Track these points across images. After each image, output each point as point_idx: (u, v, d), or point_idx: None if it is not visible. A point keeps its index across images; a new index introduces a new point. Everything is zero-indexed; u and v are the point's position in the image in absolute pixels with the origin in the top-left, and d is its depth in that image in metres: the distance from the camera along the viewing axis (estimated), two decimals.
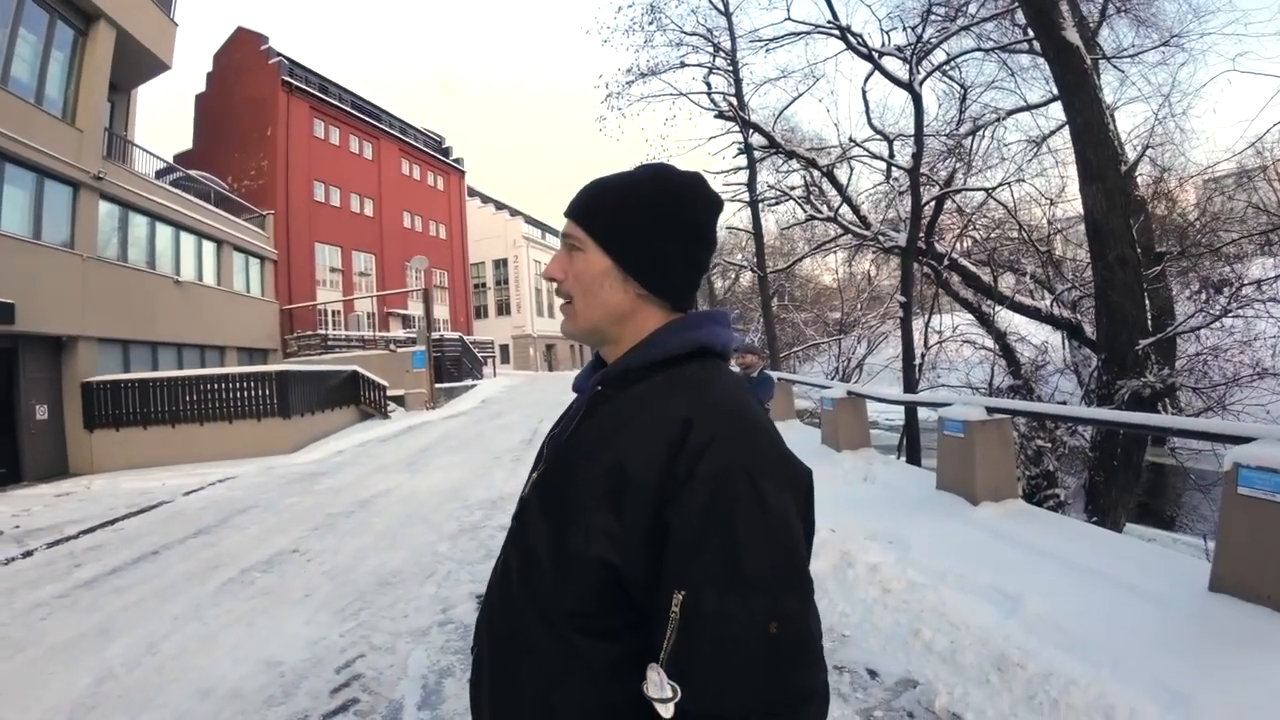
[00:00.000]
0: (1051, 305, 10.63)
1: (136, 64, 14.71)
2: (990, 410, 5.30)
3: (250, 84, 25.47)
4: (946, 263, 11.69)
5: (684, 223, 0.87)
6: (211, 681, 3.37)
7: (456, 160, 38.61)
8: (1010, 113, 12.20)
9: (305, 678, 3.37)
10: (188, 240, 16.85)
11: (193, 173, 20.53)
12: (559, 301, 0.94)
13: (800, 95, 14.12)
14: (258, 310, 20.18)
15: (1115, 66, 11.12)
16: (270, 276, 21.78)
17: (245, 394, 12.69)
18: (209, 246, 17.91)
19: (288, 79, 25.56)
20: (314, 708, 3.07)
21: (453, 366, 25.99)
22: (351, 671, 3.42)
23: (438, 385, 21.75)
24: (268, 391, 12.75)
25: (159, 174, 17.61)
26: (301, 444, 13.00)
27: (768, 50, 12.98)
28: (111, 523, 7.46)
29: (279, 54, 26.07)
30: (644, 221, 0.85)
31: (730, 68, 14.13)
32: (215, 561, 5.60)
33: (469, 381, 26.06)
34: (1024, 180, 12.14)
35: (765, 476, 0.71)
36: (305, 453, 12.41)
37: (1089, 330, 9.13)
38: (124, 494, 9.20)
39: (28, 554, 6.24)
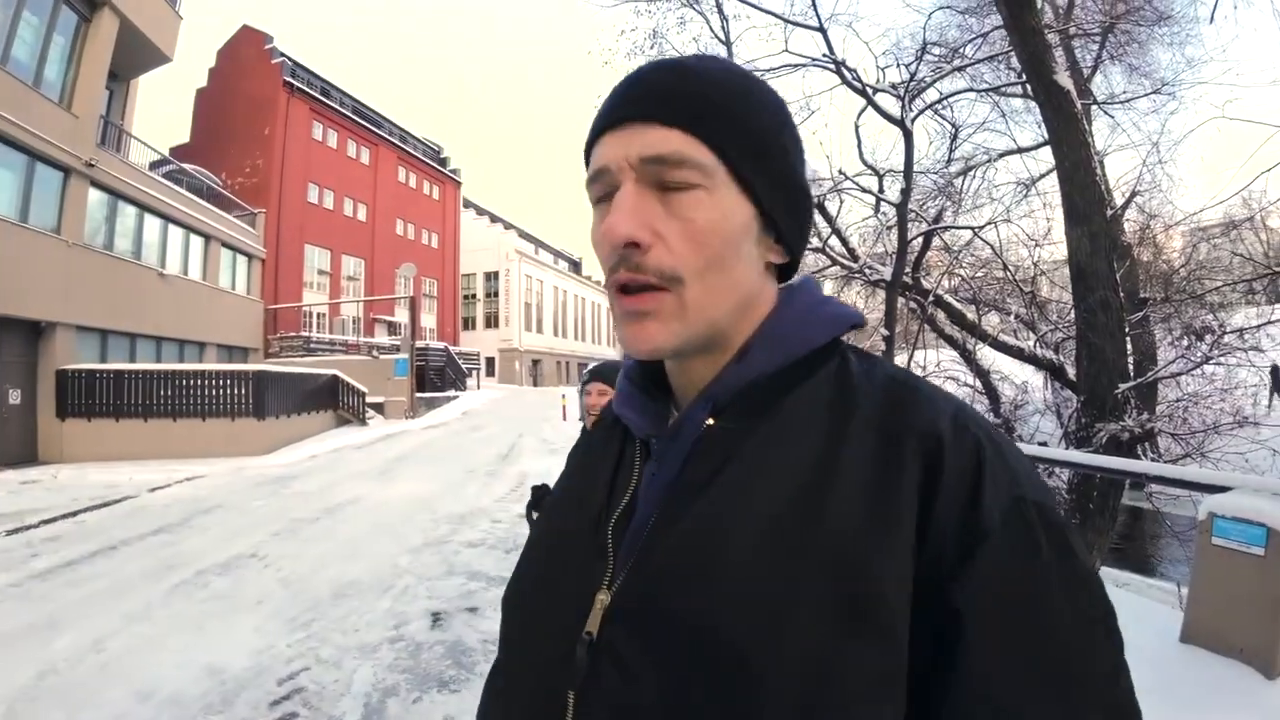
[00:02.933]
0: (1034, 345, 10.67)
1: (138, 54, 14.70)
2: None
3: (252, 82, 25.47)
4: (932, 299, 11.74)
5: (801, 142, 0.57)
6: (153, 684, 3.29)
7: (453, 171, 38.72)
8: (1001, 154, 12.35)
9: (246, 687, 3.27)
10: (176, 233, 16.72)
11: (187, 166, 20.43)
12: (617, 302, 0.52)
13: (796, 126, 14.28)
14: (242, 308, 19.98)
15: (1106, 113, 11.32)
16: (257, 275, 21.62)
17: (220, 392, 12.52)
18: (197, 241, 17.76)
19: (290, 80, 25.61)
20: (251, 719, 2.95)
21: (436, 376, 25.79)
22: (294, 684, 3.32)
23: (419, 395, 21.55)
24: (243, 391, 12.58)
25: (153, 166, 17.53)
26: (274, 446, 12.81)
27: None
28: (74, 514, 7.37)
29: (283, 54, 26.14)
30: (787, 140, 0.54)
31: None
32: (172, 561, 5.51)
33: (452, 392, 25.85)
34: (1011, 221, 12.24)
35: (1049, 505, 0.46)
36: (277, 455, 12.23)
37: (1070, 372, 9.16)
38: (90, 486, 9.10)
39: None
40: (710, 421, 0.52)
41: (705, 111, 0.50)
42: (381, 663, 3.56)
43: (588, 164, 0.54)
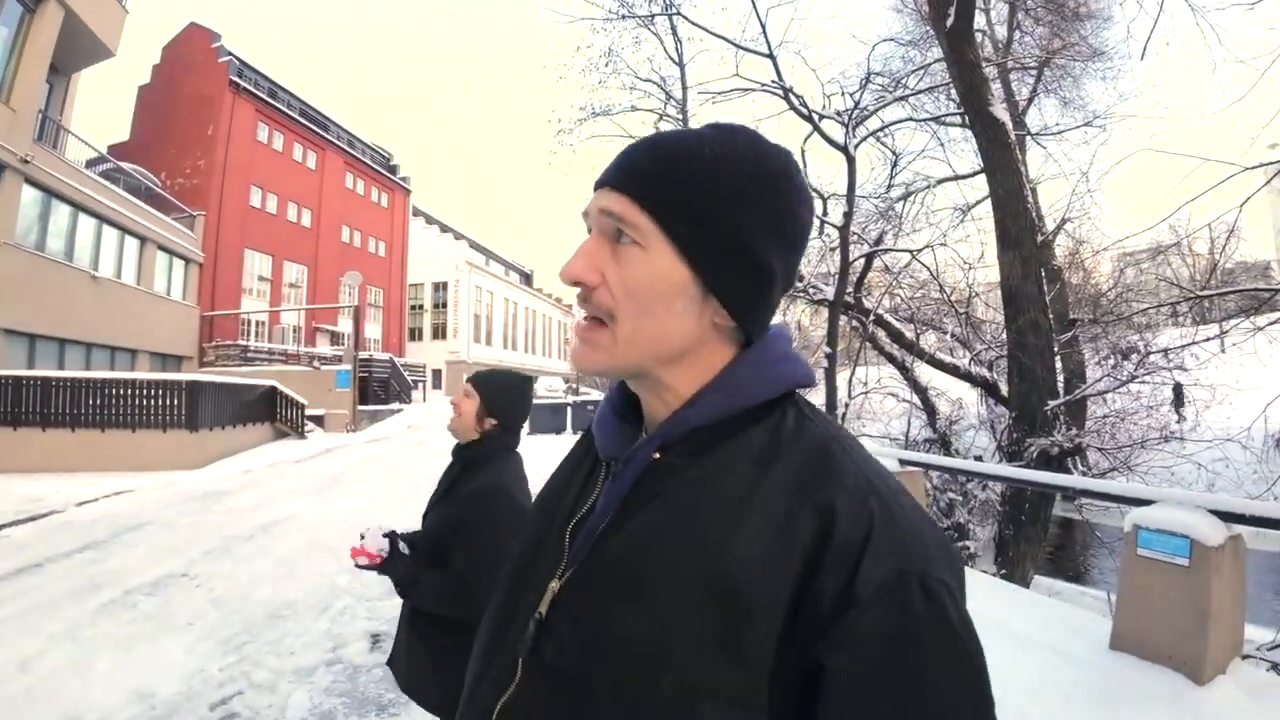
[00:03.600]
0: (969, 364, 11.09)
1: (81, 48, 14.27)
2: (904, 463, 5.40)
3: (197, 80, 24.60)
4: (873, 318, 12.10)
5: (793, 224, 0.60)
6: (80, 708, 3.16)
7: (403, 178, 38.09)
8: (939, 181, 12.84)
9: (177, 712, 3.15)
10: (110, 234, 16.05)
11: (125, 165, 19.57)
12: (577, 316, 0.64)
13: None
14: (177, 314, 19.20)
15: (1039, 144, 11.91)
16: (194, 280, 20.84)
17: (152, 402, 11.89)
18: (132, 243, 17.05)
19: (236, 79, 24.85)
20: None
21: (380, 389, 25.19)
22: (227, 709, 3.19)
23: (362, 407, 20.97)
24: (176, 401, 12.00)
25: (89, 163, 16.83)
26: (208, 460, 12.25)
27: (715, 102, 13.32)
28: None
29: (230, 53, 25.37)
30: (748, 219, 0.57)
31: (680, 116, 14.43)
32: (100, 580, 5.28)
33: (396, 405, 25.26)
34: (947, 245, 12.74)
35: (940, 580, 0.49)
36: (211, 469, 11.71)
37: (1004, 389, 9.54)
38: (14, 499, 8.59)
39: None
40: (657, 455, 0.60)
41: (645, 182, 0.58)
42: (318, 686, 3.44)
43: None
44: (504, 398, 1.81)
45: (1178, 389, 9.47)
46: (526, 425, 1.95)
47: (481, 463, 1.76)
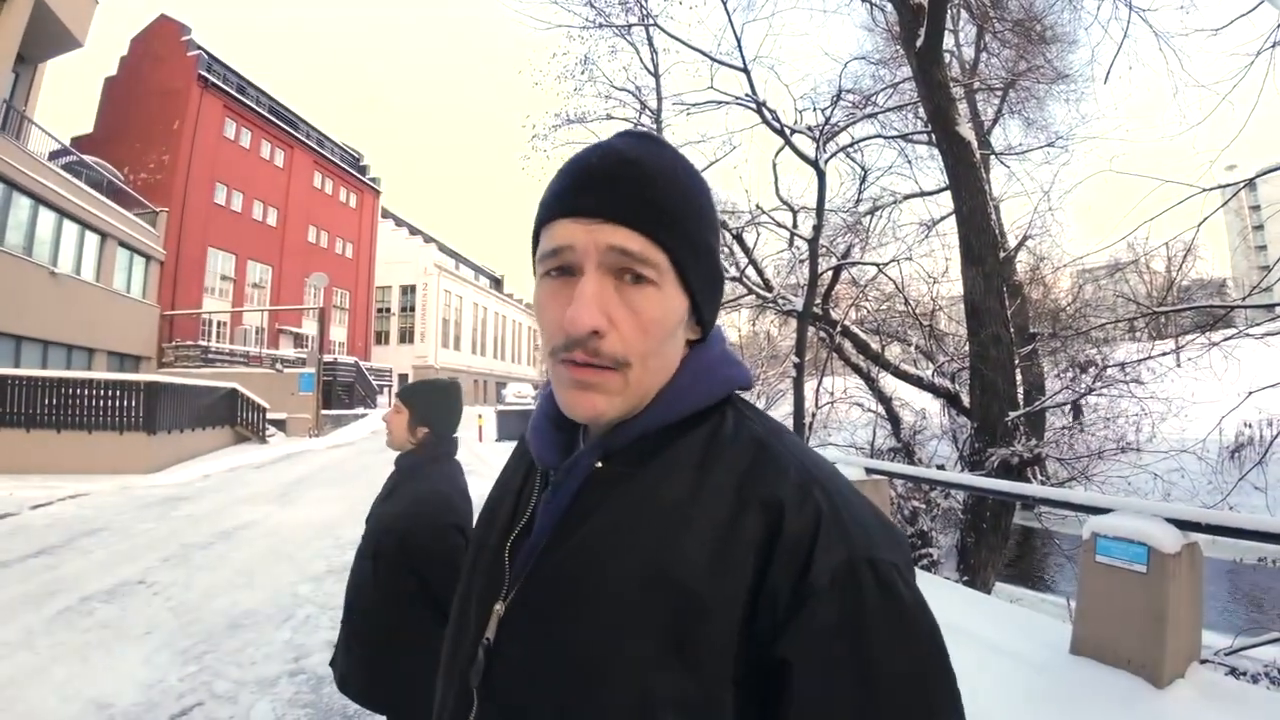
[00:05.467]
0: (932, 375, 11.31)
1: (49, 37, 13.97)
2: (869, 471, 5.47)
3: (164, 74, 24.14)
4: (839, 329, 12.29)
5: (718, 226, 0.63)
6: (38, 719, 3.05)
7: (373, 179, 37.64)
8: (906, 197, 13.13)
9: None
10: (70, 229, 15.64)
11: (87, 158, 19.02)
12: (562, 369, 0.57)
13: (717, 160, 14.66)
14: (136, 313, 18.70)
15: (1003, 163, 12.23)
16: (154, 278, 20.32)
17: (108, 403, 11.54)
18: (92, 239, 16.62)
19: (204, 74, 24.40)
20: None
21: (344, 393, 24.79)
22: None
23: (326, 412, 20.62)
24: (133, 403, 11.65)
25: (52, 156, 16.33)
26: (165, 464, 11.92)
27: (689, 114, 13.43)
28: None
29: (199, 47, 24.95)
30: (709, 232, 0.60)
31: (654, 126, 14.52)
32: (55, 586, 5.11)
33: (361, 410, 24.89)
34: (912, 259, 13.02)
35: (888, 562, 0.50)
36: (168, 473, 11.40)
37: (966, 400, 9.73)
38: None
39: None
40: (599, 465, 0.59)
41: (663, 222, 0.56)
42: (281, 697, 3.35)
43: (537, 238, 0.60)
44: (430, 406, 1.84)
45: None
46: (494, 432, 1.96)
47: (418, 468, 1.77)
